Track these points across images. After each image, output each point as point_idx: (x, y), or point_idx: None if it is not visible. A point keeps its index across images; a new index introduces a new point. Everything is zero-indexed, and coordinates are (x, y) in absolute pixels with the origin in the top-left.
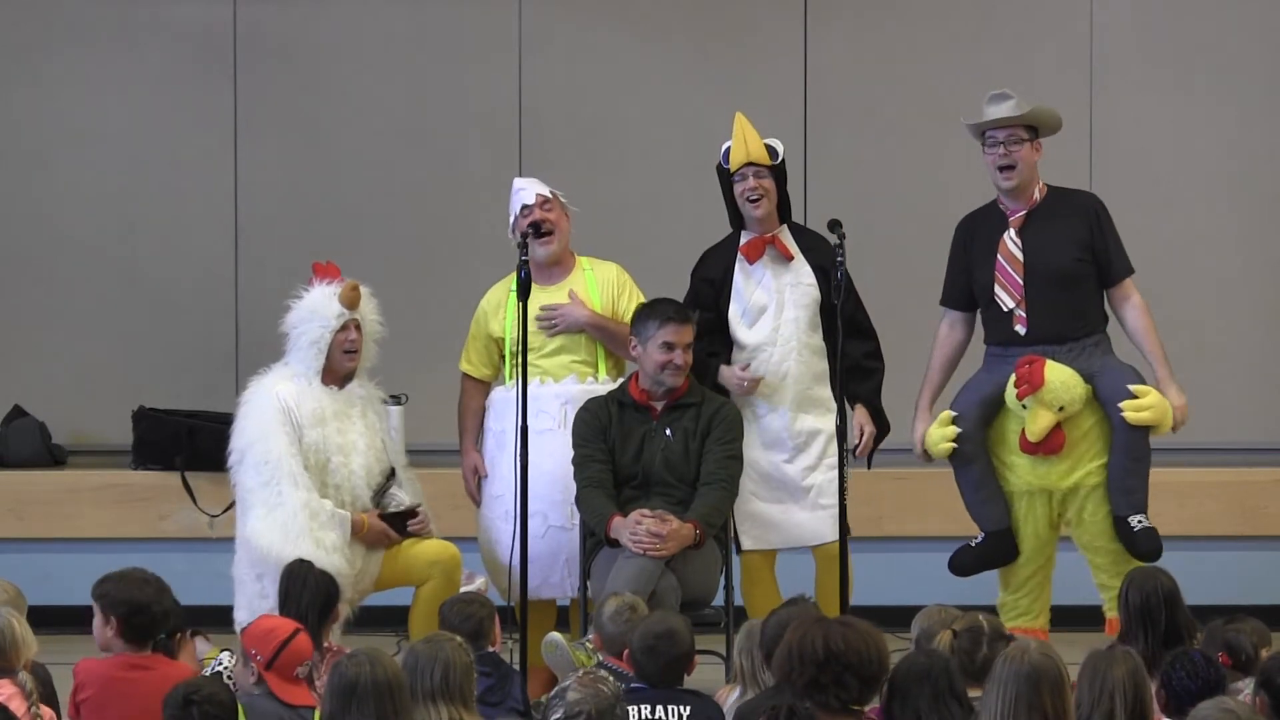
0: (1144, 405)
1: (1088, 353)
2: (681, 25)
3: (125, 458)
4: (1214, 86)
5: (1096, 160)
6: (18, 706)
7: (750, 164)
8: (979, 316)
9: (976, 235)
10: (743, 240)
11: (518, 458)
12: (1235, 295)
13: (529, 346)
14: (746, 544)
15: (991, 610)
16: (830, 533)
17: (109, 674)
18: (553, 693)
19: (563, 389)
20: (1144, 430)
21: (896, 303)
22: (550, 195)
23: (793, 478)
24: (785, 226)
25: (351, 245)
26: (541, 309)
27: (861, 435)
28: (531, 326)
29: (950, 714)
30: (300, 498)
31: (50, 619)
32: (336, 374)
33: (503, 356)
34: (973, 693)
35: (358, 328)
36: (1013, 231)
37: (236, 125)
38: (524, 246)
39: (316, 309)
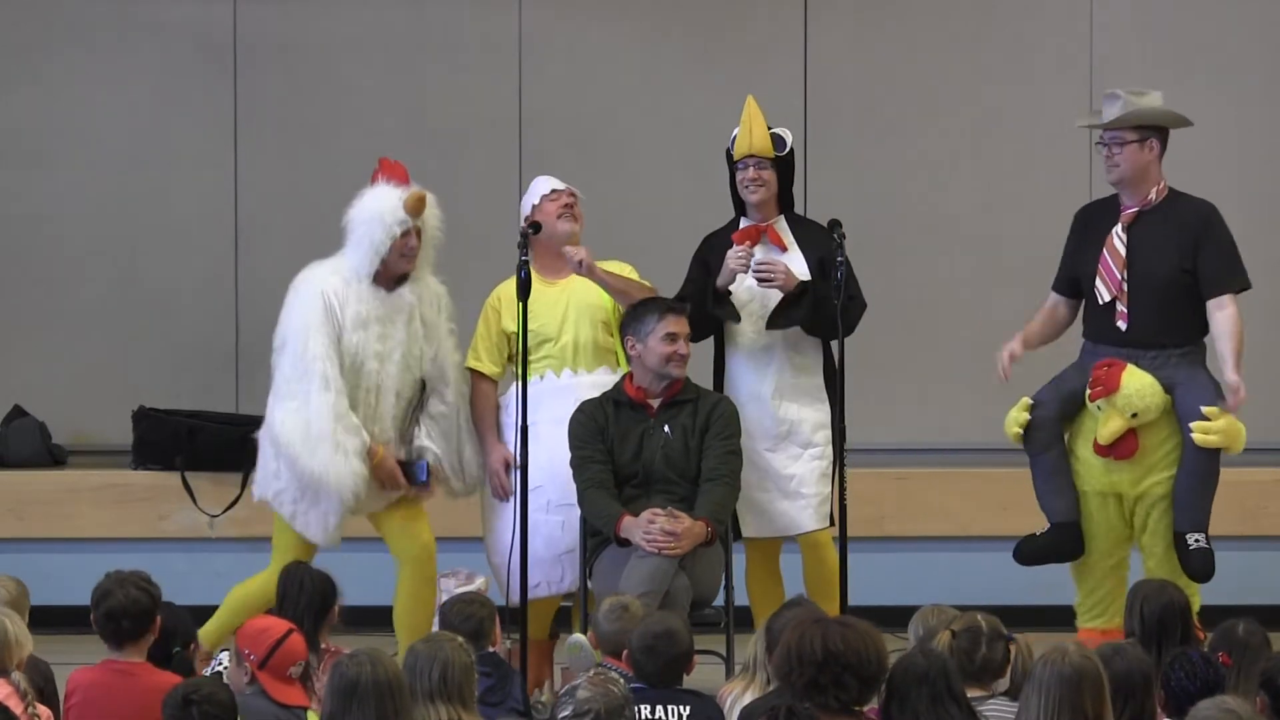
0: (1213, 429)
1: (1173, 362)
2: (681, 25)
3: (125, 458)
4: (1214, 86)
5: (1096, 160)
6: (13, 706)
7: (752, 155)
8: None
9: (1090, 224)
10: (740, 226)
11: (517, 456)
12: None
13: (546, 339)
14: (745, 531)
15: (991, 610)
16: (808, 523)
17: (94, 679)
18: (563, 690)
19: (599, 378)
20: (1213, 451)
21: (896, 303)
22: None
23: (775, 467)
24: (782, 217)
25: None
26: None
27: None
28: (535, 323)
29: (949, 715)
30: (328, 401)
31: (50, 619)
32: (389, 276)
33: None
34: (971, 693)
35: (418, 234)
36: (1120, 227)
37: (236, 125)
38: (524, 247)
39: (381, 213)
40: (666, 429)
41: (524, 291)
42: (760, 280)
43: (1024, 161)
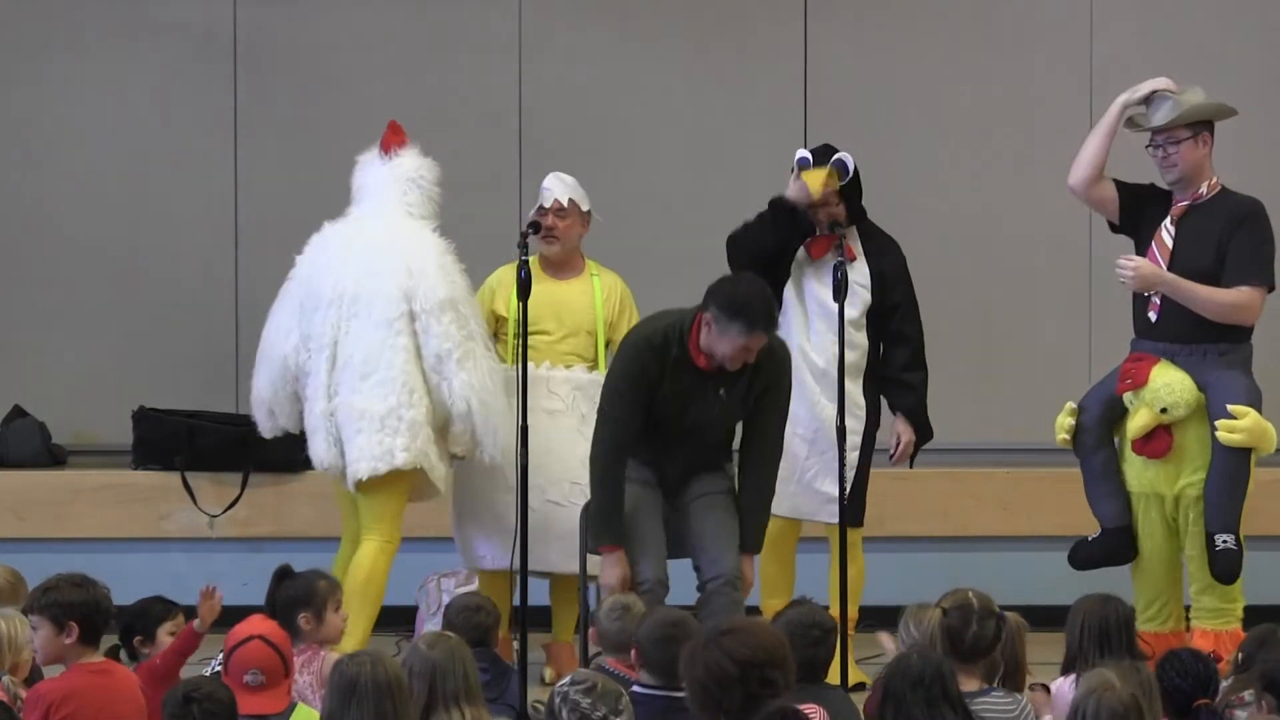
0: (1238, 427)
1: (1210, 360)
2: (681, 25)
3: (125, 458)
4: (1214, 87)
5: None
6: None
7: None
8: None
9: (1151, 204)
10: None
11: (519, 456)
12: None
13: (538, 330)
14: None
15: None
16: (816, 511)
17: (83, 684)
18: (562, 679)
19: (573, 375)
20: (1242, 450)
21: None
22: (568, 204)
23: (797, 453)
24: (854, 228)
25: None
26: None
27: (899, 443)
28: (539, 315)
29: (944, 719)
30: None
31: None
32: None
33: (498, 336)
34: (965, 685)
35: None
36: (1169, 221)
37: (236, 125)
38: (524, 247)
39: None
40: (722, 392)
41: (524, 291)
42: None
43: (1024, 161)
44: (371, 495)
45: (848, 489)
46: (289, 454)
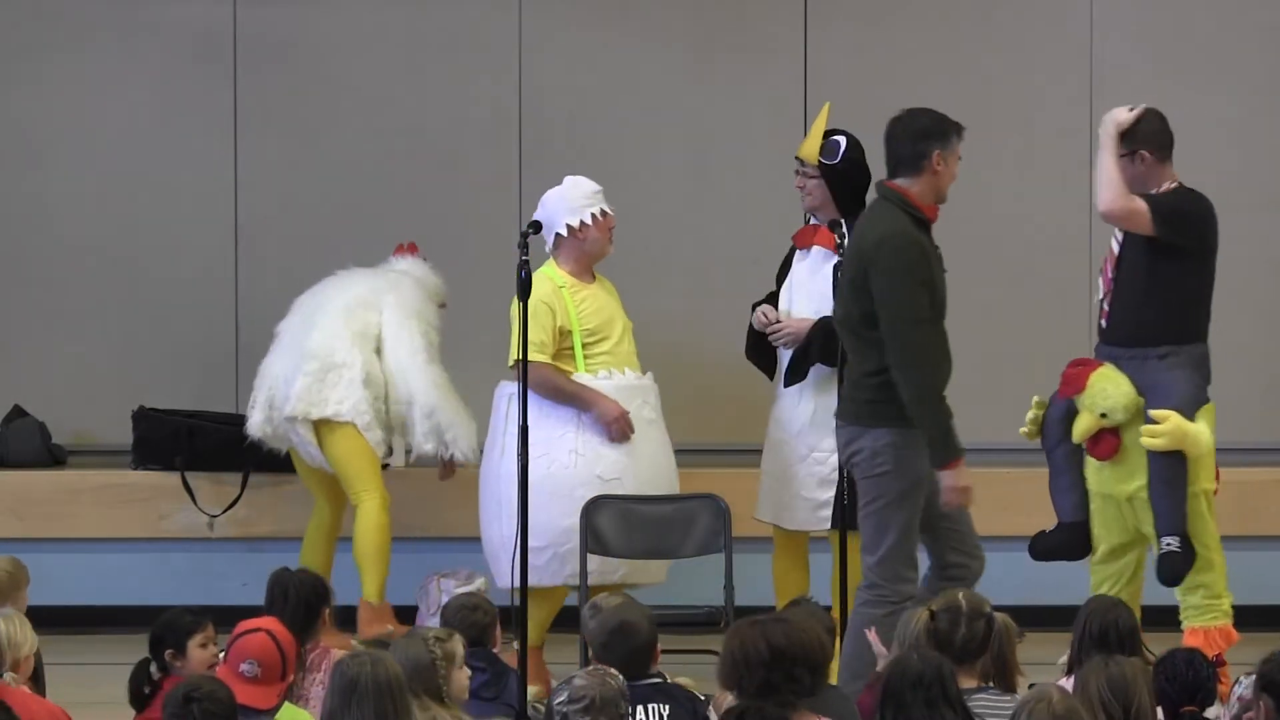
0: (1159, 431)
1: (1150, 365)
2: (681, 26)
3: (125, 458)
4: (1214, 86)
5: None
6: None
7: (799, 159)
8: None
9: None
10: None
11: (519, 457)
12: (1235, 295)
13: (601, 337)
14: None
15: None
16: (806, 520)
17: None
18: (559, 683)
19: (645, 381)
20: (1174, 453)
21: None
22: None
23: (794, 454)
24: (842, 221)
25: (351, 245)
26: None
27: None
28: (591, 323)
29: None
30: None
31: (49, 619)
32: None
33: (563, 350)
34: (960, 682)
35: None
36: (1119, 228)
37: (236, 125)
38: (524, 247)
39: None
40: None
41: (524, 291)
42: (777, 343)
43: (1024, 161)
44: (334, 454)
45: (836, 494)
46: (288, 454)
